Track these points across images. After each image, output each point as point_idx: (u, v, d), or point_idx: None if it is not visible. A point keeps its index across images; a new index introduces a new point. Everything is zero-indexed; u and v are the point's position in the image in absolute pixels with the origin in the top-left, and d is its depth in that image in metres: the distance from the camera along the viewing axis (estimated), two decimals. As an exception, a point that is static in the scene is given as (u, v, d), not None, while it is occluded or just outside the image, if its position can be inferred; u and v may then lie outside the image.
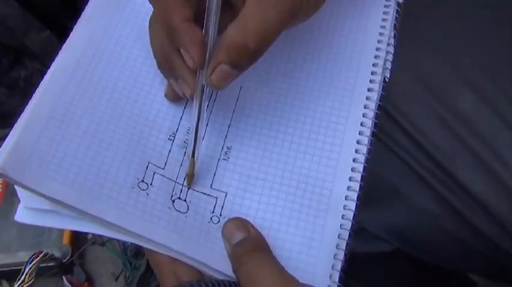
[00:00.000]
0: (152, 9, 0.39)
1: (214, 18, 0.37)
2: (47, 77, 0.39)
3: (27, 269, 0.79)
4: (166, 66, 0.39)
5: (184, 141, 0.41)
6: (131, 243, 0.89)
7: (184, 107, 0.42)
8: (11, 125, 0.37)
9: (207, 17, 0.37)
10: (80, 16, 0.43)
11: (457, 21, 0.51)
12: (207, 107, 0.41)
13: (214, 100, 0.42)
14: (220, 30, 0.37)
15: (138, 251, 0.87)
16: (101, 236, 0.90)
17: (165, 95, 0.42)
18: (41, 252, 0.81)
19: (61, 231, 0.86)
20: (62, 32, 0.43)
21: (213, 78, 0.37)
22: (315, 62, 0.44)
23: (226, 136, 0.41)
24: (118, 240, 0.86)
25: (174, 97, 0.41)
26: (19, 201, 0.37)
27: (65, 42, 0.42)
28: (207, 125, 0.41)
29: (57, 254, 0.83)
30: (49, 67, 0.40)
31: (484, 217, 0.45)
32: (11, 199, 0.87)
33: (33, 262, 0.80)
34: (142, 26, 0.43)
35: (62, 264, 0.83)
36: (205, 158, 0.40)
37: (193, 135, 0.39)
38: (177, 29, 0.36)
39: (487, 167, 0.45)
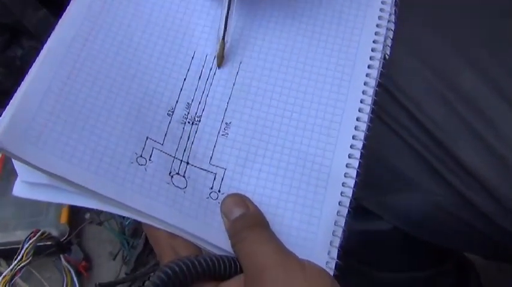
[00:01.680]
0: None
1: None
2: (44, 51, 0.39)
3: (24, 248, 0.80)
4: None
5: (183, 117, 0.40)
6: (129, 222, 0.90)
7: (183, 82, 0.41)
8: (8, 104, 0.37)
9: None
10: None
11: None
12: (205, 85, 0.42)
13: (214, 75, 0.42)
14: None
15: (136, 231, 0.87)
16: (98, 216, 0.90)
17: None
18: (39, 231, 0.81)
19: (59, 210, 0.86)
20: (59, 11, 0.43)
21: None
22: (315, 39, 0.44)
23: (225, 112, 0.41)
24: (115, 215, 0.86)
25: None
26: (17, 179, 0.37)
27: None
28: (205, 102, 0.41)
29: (54, 233, 0.83)
30: (47, 45, 0.40)
31: (483, 195, 0.46)
32: (8, 178, 0.87)
33: (31, 240, 0.80)
34: None
35: (59, 243, 0.84)
36: (204, 133, 0.40)
37: (224, 18, 0.42)
38: None
39: (488, 145, 0.45)
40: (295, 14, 0.45)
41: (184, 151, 0.39)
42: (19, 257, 0.79)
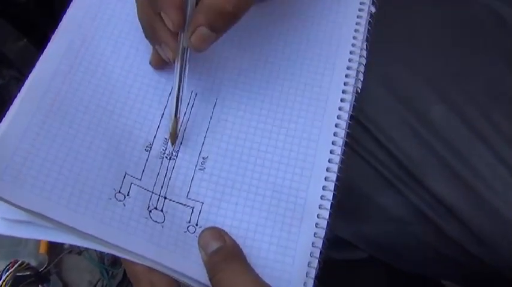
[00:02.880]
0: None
1: None
2: (24, 88, 0.40)
3: (2, 279, 0.79)
4: (150, 31, 0.40)
5: (161, 152, 0.41)
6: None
7: (161, 118, 0.42)
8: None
9: None
10: (57, 26, 0.43)
11: (426, 31, 0.52)
12: (182, 119, 0.42)
13: (191, 111, 0.43)
14: None
15: (116, 260, 0.87)
16: (78, 246, 0.89)
17: (150, 63, 0.43)
18: (17, 261, 0.81)
19: (38, 240, 0.86)
20: (40, 41, 0.44)
21: (193, 40, 0.38)
22: (289, 73, 0.45)
23: (202, 146, 0.42)
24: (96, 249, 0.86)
25: (158, 63, 0.43)
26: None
27: (42, 51, 0.42)
28: (182, 137, 0.42)
29: (33, 263, 0.83)
30: (26, 75, 0.41)
31: (453, 222, 0.47)
32: (-14, 208, 0.86)
33: (9, 271, 0.79)
34: (119, 38, 0.44)
35: (38, 273, 0.83)
36: (181, 168, 0.41)
37: (176, 95, 0.41)
38: None
39: (457, 175, 0.46)
40: (269, 49, 0.46)
41: (162, 185, 0.40)
42: (-3, 289, 0.78)
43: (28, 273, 0.82)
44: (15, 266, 0.81)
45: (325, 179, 0.41)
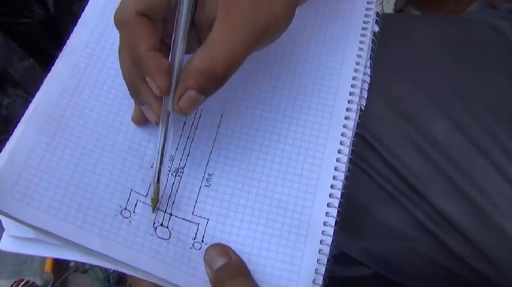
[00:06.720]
0: None
1: (181, 45, 0.38)
2: (30, 107, 0.40)
3: (8, 298, 0.79)
4: (134, 92, 0.40)
5: (167, 169, 0.41)
6: (114, 270, 0.89)
7: (167, 136, 0.43)
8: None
9: (174, 42, 0.38)
10: (63, 46, 0.44)
11: (428, 49, 0.52)
12: (188, 137, 0.43)
13: (196, 127, 0.43)
14: (185, 52, 0.38)
15: (121, 279, 0.87)
16: (83, 264, 0.90)
17: (132, 119, 0.42)
18: (22, 280, 0.81)
19: (43, 259, 0.86)
20: (46, 60, 0.44)
21: (181, 104, 0.37)
22: (293, 91, 0.45)
23: (207, 163, 0.42)
24: (101, 267, 0.86)
25: (139, 121, 0.42)
26: (3, 230, 0.38)
27: (48, 70, 0.43)
28: (188, 154, 0.42)
29: (38, 282, 0.83)
30: (32, 95, 0.41)
31: (458, 239, 0.47)
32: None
33: (15, 290, 0.80)
34: None
35: (43, 292, 0.83)
36: (187, 185, 0.41)
37: (158, 160, 0.39)
38: (143, 59, 0.36)
39: (461, 191, 0.46)
40: (273, 67, 0.46)
41: (168, 202, 0.40)
42: (3, 307, 0.78)
43: (33, 292, 0.82)
44: (21, 285, 0.81)
45: (330, 196, 0.41)
